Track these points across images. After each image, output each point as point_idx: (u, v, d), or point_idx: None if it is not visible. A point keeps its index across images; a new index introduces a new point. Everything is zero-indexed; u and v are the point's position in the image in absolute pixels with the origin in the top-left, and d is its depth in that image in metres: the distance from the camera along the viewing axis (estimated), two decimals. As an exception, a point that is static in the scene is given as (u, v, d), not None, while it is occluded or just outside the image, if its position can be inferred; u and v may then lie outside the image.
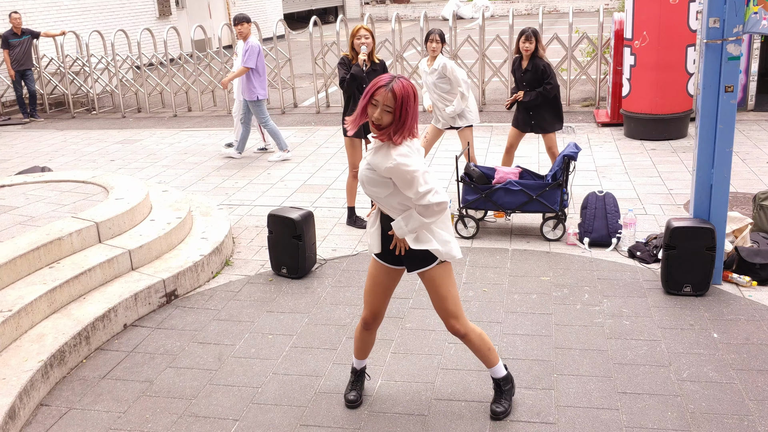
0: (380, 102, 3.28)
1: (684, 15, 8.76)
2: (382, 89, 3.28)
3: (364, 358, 4.00)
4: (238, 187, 8.30)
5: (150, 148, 10.56)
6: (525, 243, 6.13)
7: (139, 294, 5.12)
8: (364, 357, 3.99)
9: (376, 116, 3.30)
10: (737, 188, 7.13)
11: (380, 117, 3.29)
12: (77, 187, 6.68)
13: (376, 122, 3.32)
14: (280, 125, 11.62)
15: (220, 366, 4.44)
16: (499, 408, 3.78)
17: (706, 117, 4.92)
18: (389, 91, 3.26)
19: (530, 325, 4.73)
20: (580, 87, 12.68)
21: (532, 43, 6.69)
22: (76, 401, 4.16)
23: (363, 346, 3.93)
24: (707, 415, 3.71)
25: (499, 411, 3.77)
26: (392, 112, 3.28)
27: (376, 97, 3.29)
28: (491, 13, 29.83)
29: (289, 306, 5.21)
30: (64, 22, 16.89)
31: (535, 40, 6.70)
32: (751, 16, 4.69)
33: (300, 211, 5.71)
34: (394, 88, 3.26)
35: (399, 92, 3.26)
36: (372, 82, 3.34)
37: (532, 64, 6.76)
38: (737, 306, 4.85)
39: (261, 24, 14.24)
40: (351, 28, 8.95)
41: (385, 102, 3.27)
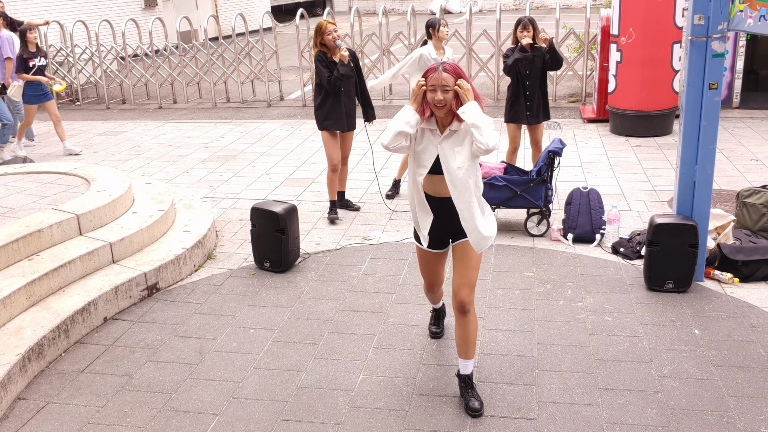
0: (437, 85, 3.53)
1: (670, 12, 8.78)
2: (435, 73, 3.54)
3: (438, 302, 4.49)
4: (222, 179, 8.25)
5: (134, 140, 10.47)
6: (509, 238, 6.13)
7: (120, 287, 5.07)
8: (438, 302, 4.48)
9: (438, 98, 3.53)
10: (721, 185, 7.16)
11: (442, 97, 3.52)
12: (58, 178, 6.61)
13: (441, 103, 3.54)
14: (265, 118, 11.58)
15: (201, 360, 4.41)
16: (476, 404, 3.77)
17: (690, 114, 4.93)
18: (441, 72, 3.53)
19: (513, 320, 4.73)
20: (566, 83, 12.70)
21: (530, 31, 6.53)
22: (54, 395, 4.11)
23: (434, 299, 4.42)
24: (687, 412, 3.72)
25: (479, 407, 3.76)
26: (451, 89, 3.53)
27: (431, 83, 3.55)
28: (479, 8, 29.82)
29: (272, 300, 5.18)
30: (48, 12, 16.69)
31: (533, 29, 6.55)
32: (736, 13, 4.69)
33: (284, 204, 5.68)
34: (446, 68, 3.56)
35: (451, 68, 3.57)
36: (425, 73, 3.60)
37: (538, 51, 6.55)
38: (719, 303, 4.87)
39: (248, 16, 14.16)
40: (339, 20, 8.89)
41: (441, 83, 3.52)
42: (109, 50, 13.90)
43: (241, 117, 11.80)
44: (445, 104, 3.54)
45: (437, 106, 3.54)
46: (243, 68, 13.14)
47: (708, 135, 4.92)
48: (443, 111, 3.56)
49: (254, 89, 13.45)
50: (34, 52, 9.25)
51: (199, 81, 13.46)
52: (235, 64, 12.88)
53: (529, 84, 6.67)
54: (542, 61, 6.62)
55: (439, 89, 3.52)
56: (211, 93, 12.94)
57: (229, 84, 13.39)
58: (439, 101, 3.52)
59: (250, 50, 13.18)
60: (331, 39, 6.26)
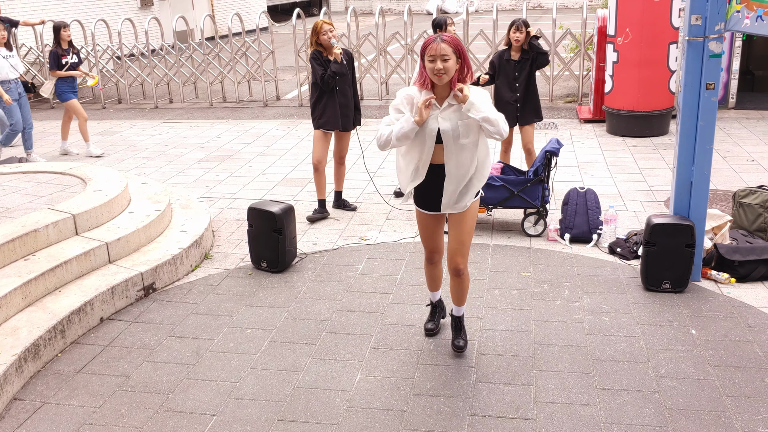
0: (436, 55, 3.65)
1: (667, 12, 8.79)
2: (434, 44, 3.66)
3: (437, 290, 4.51)
4: (219, 179, 8.23)
5: (130, 140, 10.45)
6: (506, 238, 6.13)
7: (117, 287, 5.06)
8: (437, 288, 4.50)
9: (438, 67, 3.65)
10: (717, 185, 7.17)
11: (441, 66, 3.65)
12: (54, 178, 6.59)
13: (440, 73, 3.66)
14: (262, 118, 11.57)
15: (198, 360, 4.40)
16: (461, 342, 4.29)
17: (687, 114, 4.93)
18: (440, 42, 3.65)
19: (510, 320, 4.73)
20: (563, 83, 12.71)
21: (523, 32, 6.56)
22: (50, 396, 4.10)
23: (433, 278, 4.44)
24: (685, 412, 3.72)
25: (463, 344, 4.28)
26: (450, 57, 3.66)
27: (431, 53, 3.67)
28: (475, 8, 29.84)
29: (269, 300, 5.17)
30: (44, 11, 16.65)
31: (526, 31, 6.60)
32: (733, 14, 4.70)
33: (280, 204, 5.67)
34: (444, 38, 3.67)
35: (449, 39, 3.68)
36: (422, 47, 3.74)
37: (529, 54, 6.62)
38: (715, 303, 4.87)
39: (244, 16, 14.13)
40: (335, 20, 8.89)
41: (440, 53, 3.64)
42: (105, 50, 13.87)
43: (238, 117, 11.79)
44: (444, 73, 3.66)
45: (437, 74, 3.67)
46: (239, 68, 13.12)
47: (705, 135, 4.92)
48: (443, 80, 3.69)
49: (251, 89, 13.44)
50: (67, 48, 9.17)
51: (196, 81, 13.43)
52: (231, 64, 12.86)
53: (519, 86, 6.72)
54: (530, 63, 6.66)
55: (439, 59, 3.64)
56: (208, 93, 12.92)
57: (226, 84, 13.37)
58: (439, 70, 3.65)
59: (246, 50, 13.16)
60: (327, 39, 6.28)
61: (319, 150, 6.60)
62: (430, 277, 4.46)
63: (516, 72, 6.69)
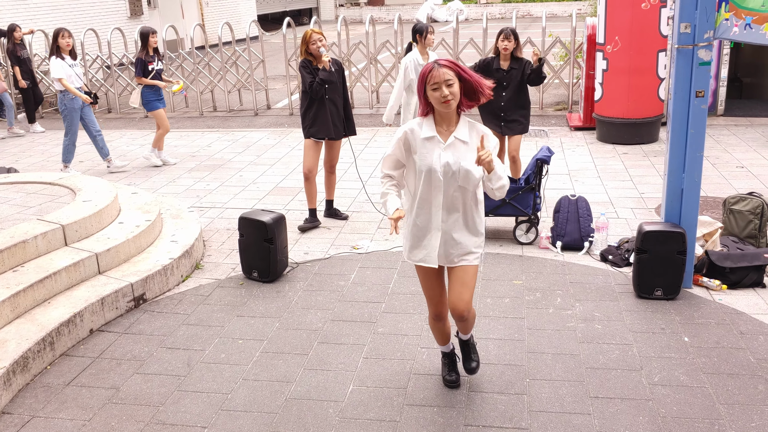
0: (440, 82, 3.43)
1: (655, 20, 8.84)
2: (434, 71, 3.44)
3: (448, 342, 4.12)
4: (210, 189, 8.20)
5: (120, 149, 10.39)
6: (498, 246, 6.13)
7: (106, 298, 5.01)
8: (448, 341, 4.11)
9: (445, 93, 3.43)
10: (707, 192, 7.20)
11: (448, 92, 3.43)
12: (43, 188, 6.55)
13: (447, 99, 3.44)
14: (252, 127, 11.54)
15: (189, 372, 4.36)
16: (474, 363, 4.04)
17: (678, 121, 4.95)
18: (440, 68, 3.44)
19: (503, 329, 4.71)
20: (553, 91, 12.75)
21: (511, 41, 6.59)
22: (39, 409, 4.05)
23: (442, 334, 4.05)
24: (678, 420, 3.71)
25: (476, 365, 4.04)
26: (453, 81, 3.45)
27: (433, 81, 3.45)
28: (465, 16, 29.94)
29: (260, 310, 5.14)
30: (33, 21, 16.59)
31: (515, 39, 6.61)
32: (722, 22, 4.72)
33: (272, 214, 5.64)
34: (441, 63, 3.47)
35: (447, 63, 3.48)
36: (421, 74, 3.49)
37: (518, 63, 6.65)
38: (708, 310, 4.88)
39: (234, 25, 14.11)
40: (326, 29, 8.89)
41: (444, 78, 3.43)
42: (94, 59, 13.83)
43: (228, 126, 11.76)
44: (452, 98, 3.45)
45: (444, 101, 3.45)
46: (230, 77, 13.10)
47: (695, 142, 4.94)
48: (451, 106, 3.48)
49: (241, 98, 13.42)
50: (152, 56, 8.97)
51: (186, 90, 13.40)
52: (221, 73, 12.84)
53: (506, 95, 6.70)
54: (521, 74, 6.64)
55: (443, 85, 3.43)
56: (198, 102, 12.89)
57: (216, 93, 13.34)
58: (446, 96, 3.43)
59: (236, 59, 13.15)
60: (317, 48, 6.29)
61: (310, 159, 6.58)
62: (437, 332, 4.05)
63: (504, 81, 6.68)
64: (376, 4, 35.44)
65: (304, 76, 6.35)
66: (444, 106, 3.47)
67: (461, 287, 3.71)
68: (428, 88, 3.47)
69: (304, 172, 6.64)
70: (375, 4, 35.67)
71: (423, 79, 3.49)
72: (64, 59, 8.60)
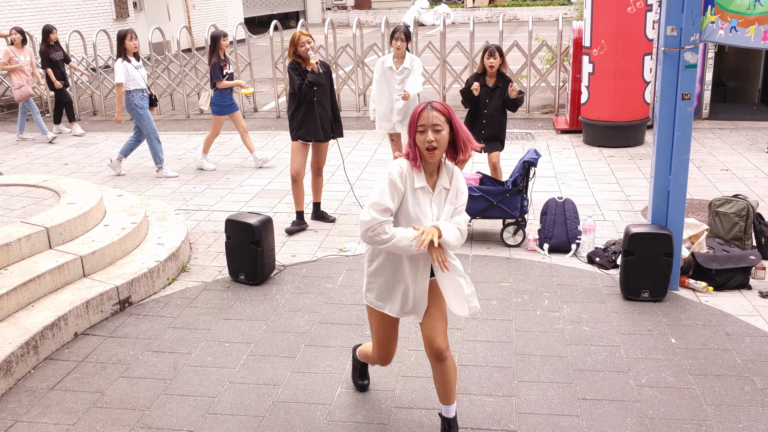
0: (427, 125, 3.19)
1: (641, 24, 8.89)
2: (424, 112, 3.22)
3: None
4: (196, 191, 8.15)
5: (105, 152, 10.32)
6: (485, 249, 6.13)
7: (91, 301, 4.96)
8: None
9: (429, 138, 3.18)
10: (693, 195, 7.24)
11: (432, 138, 3.19)
12: (27, 191, 6.48)
13: (431, 145, 3.19)
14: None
15: (175, 375, 4.32)
16: None
17: (664, 124, 4.97)
18: (431, 110, 3.21)
19: (491, 331, 4.71)
20: (539, 94, 12.79)
21: (496, 58, 6.52)
22: (23, 413, 3.99)
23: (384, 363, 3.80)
24: (666, 421, 3.72)
25: None
26: (443, 128, 3.20)
27: (421, 122, 3.21)
28: (452, 20, 30.01)
29: (247, 313, 5.11)
30: (18, 22, 16.45)
31: (500, 56, 6.55)
32: (708, 25, 4.75)
33: (258, 216, 5.62)
34: (435, 106, 3.23)
35: (440, 106, 3.24)
36: (412, 116, 3.25)
37: (502, 81, 6.61)
38: (694, 311, 4.90)
39: (221, 27, 14.07)
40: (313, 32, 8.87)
41: (432, 122, 3.19)
42: (80, 61, 13.73)
43: (215, 128, 11.68)
44: (437, 146, 3.19)
45: (429, 149, 3.19)
46: (216, 80, 13.03)
47: (681, 145, 4.96)
48: (435, 156, 3.22)
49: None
50: (224, 59, 8.78)
51: (172, 92, 13.33)
52: (208, 76, 12.77)
53: (488, 112, 6.68)
54: (504, 92, 6.60)
55: (430, 129, 3.18)
56: (184, 104, 12.82)
57: (203, 95, 13.26)
58: (430, 142, 3.17)
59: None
60: (305, 50, 6.29)
61: (298, 161, 6.56)
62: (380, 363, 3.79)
63: (487, 99, 6.64)
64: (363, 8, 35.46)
65: (292, 77, 6.35)
66: (428, 154, 3.21)
67: (437, 321, 3.44)
68: (417, 128, 3.22)
69: (291, 174, 6.61)
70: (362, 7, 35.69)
71: (414, 119, 3.24)
72: (130, 61, 8.51)
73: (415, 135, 3.24)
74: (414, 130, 3.24)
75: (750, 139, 9.53)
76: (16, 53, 10.94)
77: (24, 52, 11.05)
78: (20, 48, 11.03)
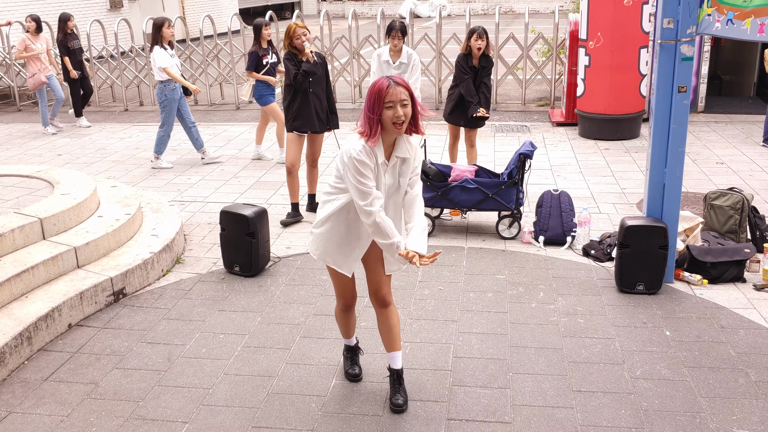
0: (396, 101, 3.30)
1: (637, 17, 8.88)
2: (390, 89, 3.30)
3: (352, 336, 4.13)
4: (191, 183, 8.12)
5: (99, 143, 10.28)
6: (481, 241, 6.12)
7: (85, 293, 4.94)
8: (352, 335, 4.12)
9: (399, 113, 3.31)
10: (688, 188, 7.24)
11: (401, 113, 3.32)
12: (21, 181, 6.45)
13: (399, 120, 3.32)
14: (234, 121, 11.46)
15: (170, 367, 4.31)
16: (400, 399, 3.81)
17: (660, 117, 4.96)
18: (397, 86, 3.32)
19: (486, 323, 4.71)
20: (535, 87, 12.77)
21: (484, 40, 6.81)
22: (16, 404, 3.98)
23: (349, 326, 4.07)
24: (660, 413, 3.73)
25: (402, 402, 3.80)
26: (408, 102, 3.34)
27: (389, 99, 3.30)
28: (448, 12, 29.95)
29: (242, 305, 5.10)
30: (11, 12, 16.35)
31: (486, 38, 6.83)
32: (705, 17, 4.74)
33: (253, 207, 5.60)
34: (398, 81, 3.34)
35: (403, 82, 3.35)
36: (374, 93, 3.32)
37: (486, 61, 6.90)
38: (689, 304, 4.91)
39: (216, 18, 13.98)
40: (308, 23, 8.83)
41: (400, 97, 3.31)
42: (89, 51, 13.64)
43: (210, 120, 11.66)
44: (405, 120, 3.33)
45: (398, 123, 3.32)
46: (211, 70, 13.00)
47: (677, 138, 4.96)
48: (403, 129, 3.36)
49: (222, 92, 13.31)
50: (266, 48, 8.57)
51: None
52: (203, 67, 12.74)
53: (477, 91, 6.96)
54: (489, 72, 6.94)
55: (398, 104, 3.30)
56: (179, 95, 12.75)
57: (197, 86, 13.22)
58: (399, 116, 3.30)
59: (218, 52, 13.05)
60: (300, 42, 6.27)
61: (293, 153, 6.55)
62: (346, 324, 4.05)
63: (474, 79, 6.93)
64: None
65: (288, 68, 6.33)
66: (396, 129, 3.34)
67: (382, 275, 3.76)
68: (384, 105, 3.30)
69: (286, 166, 6.59)
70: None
71: (377, 95, 3.31)
72: (166, 49, 8.42)
73: (380, 111, 3.32)
74: (379, 107, 3.32)
75: (745, 132, 9.54)
76: (33, 41, 10.76)
77: (40, 40, 10.82)
78: (35, 36, 10.81)
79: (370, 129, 3.35)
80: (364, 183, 3.36)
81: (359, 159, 3.34)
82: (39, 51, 10.71)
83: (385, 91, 3.30)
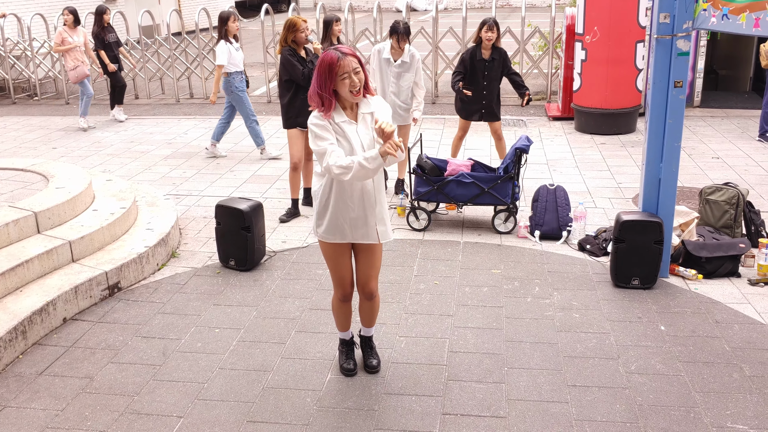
0: (349, 71, 3.46)
1: (634, 11, 8.87)
2: (340, 61, 3.45)
3: (348, 329, 4.18)
4: (186, 176, 8.10)
5: (95, 136, 10.24)
6: (476, 236, 6.12)
7: (80, 287, 4.93)
8: (348, 328, 4.18)
9: (354, 82, 3.48)
10: (684, 183, 7.25)
11: (356, 81, 3.49)
12: (15, 175, 6.42)
13: (356, 87, 3.50)
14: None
15: (165, 361, 4.31)
16: (374, 361, 4.12)
17: (656, 111, 4.96)
18: (346, 57, 3.46)
19: (481, 318, 4.71)
20: (531, 81, 12.75)
21: (494, 32, 6.79)
22: (11, 399, 3.98)
23: (345, 318, 4.12)
24: (655, 407, 3.74)
25: (376, 364, 4.12)
26: (360, 69, 3.50)
27: (343, 71, 3.46)
28: (445, 5, 29.88)
29: (237, 299, 5.09)
30: (5, 4, 16.26)
31: (497, 30, 6.80)
32: (701, 12, 4.73)
33: (249, 201, 5.59)
34: (346, 52, 3.49)
35: (350, 51, 3.52)
36: (325, 68, 3.47)
37: (498, 53, 6.89)
38: (684, 299, 4.92)
39: (212, 11, 13.94)
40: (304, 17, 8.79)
41: (352, 67, 3.47)
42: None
43: (205, 113, 11.64)
44: (360, 86, 3.52)
45: (354, 91, 3.50)
46: (207, 64, 12.95)
47: (673, 133, 4.96)
48: (360, 94, 3.55)
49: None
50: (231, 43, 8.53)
51: (162, 76, 13.24)
52: (198, 60, 12.70)
53: (487, 84, 6.96)
54: (501, 64, 6.91)
55: (352, 73, 3.47)
56: (174, 89, 12.73)
57: (193, 79, 13.20)
58: (354, 85, 3.48)
59: (213, 45, 12.98)
60: (305, 36, 6.21)
61: (298, 149, 6.49)
62: (343, 316, 4.10)
63: (485, 71, 6.87)
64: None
65: (294, 65, 6.21)
66: (354, 96, 3.52)
67: (370, 269, 3.91)
68: (338, 78, 3.46)
69: (294, 162, 6.52)
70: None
71: (328, 68, 3.44)
72: (231, 43, 8.39)
73: (332, 85, 3.48)
74: (332, 80, 3.47)
75: (741, 127, 9.55)
76: (70, 34, 10.65)
77: (77, 33, 10.68)
78: (73, 28, 10.66)
79: (323, 103, 3.53)
80: (321, 146, 3.52)
81: (314, 122, 3.55)
82: (76, 44, 10.57)
83: (337, 64, 3.44)
